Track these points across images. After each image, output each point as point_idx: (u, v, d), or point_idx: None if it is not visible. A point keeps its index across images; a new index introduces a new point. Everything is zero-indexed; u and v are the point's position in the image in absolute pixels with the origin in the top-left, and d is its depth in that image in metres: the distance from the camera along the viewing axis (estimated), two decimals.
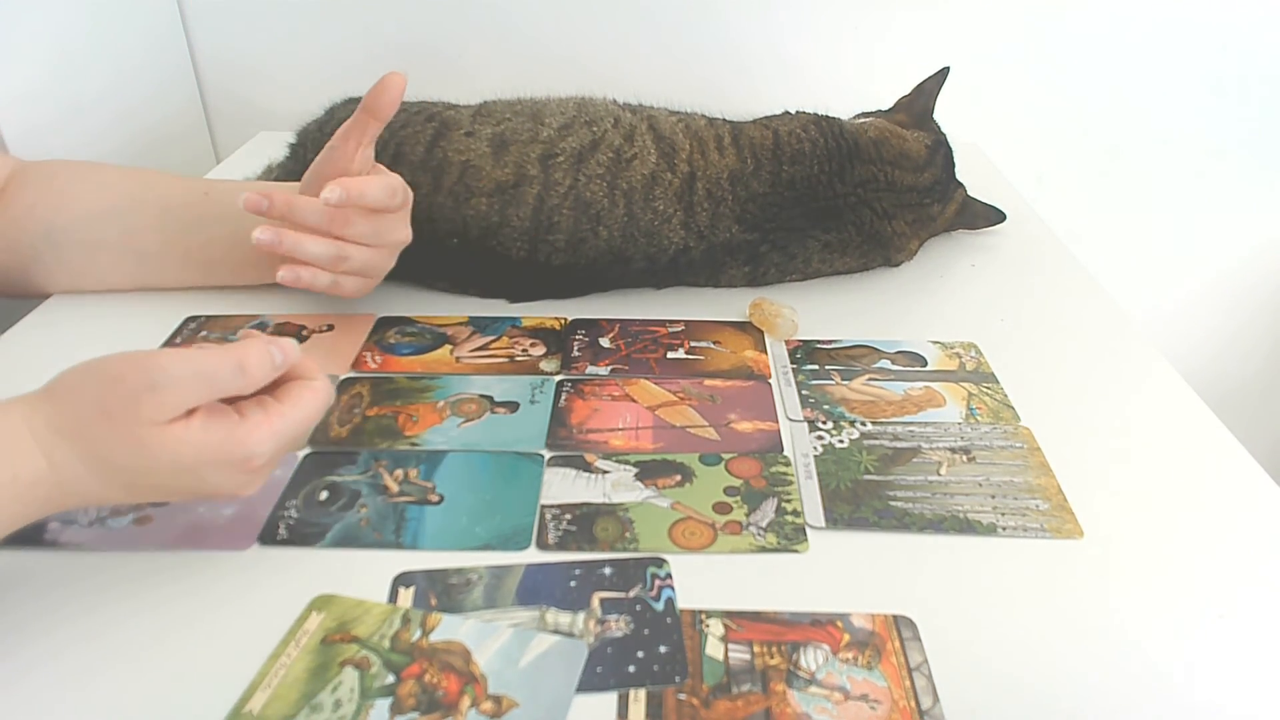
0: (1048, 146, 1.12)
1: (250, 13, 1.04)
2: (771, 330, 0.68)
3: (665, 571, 0.47)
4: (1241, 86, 1.08)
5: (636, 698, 0.40)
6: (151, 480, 0.42)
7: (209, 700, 0.40)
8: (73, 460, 0.40)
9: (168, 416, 0.40)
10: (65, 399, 0.41)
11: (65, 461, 0.40)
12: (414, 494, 0.52)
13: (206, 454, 0.41)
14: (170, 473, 0.41)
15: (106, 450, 0.40)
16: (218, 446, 0.41)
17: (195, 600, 0.45)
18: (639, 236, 0.68)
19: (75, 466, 0.40)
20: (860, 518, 0.51)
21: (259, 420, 0.42)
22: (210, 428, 0.41)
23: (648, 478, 0.53)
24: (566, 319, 0.69)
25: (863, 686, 0.41)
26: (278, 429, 0.42)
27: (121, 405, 0.40)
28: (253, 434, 0.41)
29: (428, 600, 0.45)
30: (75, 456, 0.40)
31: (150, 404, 0.40)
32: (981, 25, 1.04)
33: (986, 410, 0.60)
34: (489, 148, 0.69)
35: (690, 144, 0.71)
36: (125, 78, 0.95)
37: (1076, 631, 0.44)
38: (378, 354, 0.64)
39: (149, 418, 0.40)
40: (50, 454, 0.40)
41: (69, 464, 0.40)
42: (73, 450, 0.40)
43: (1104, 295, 0.75)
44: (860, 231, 0.73)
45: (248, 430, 0.41)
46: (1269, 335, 1.28)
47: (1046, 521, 0.51)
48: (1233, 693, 0.42)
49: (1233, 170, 1.14)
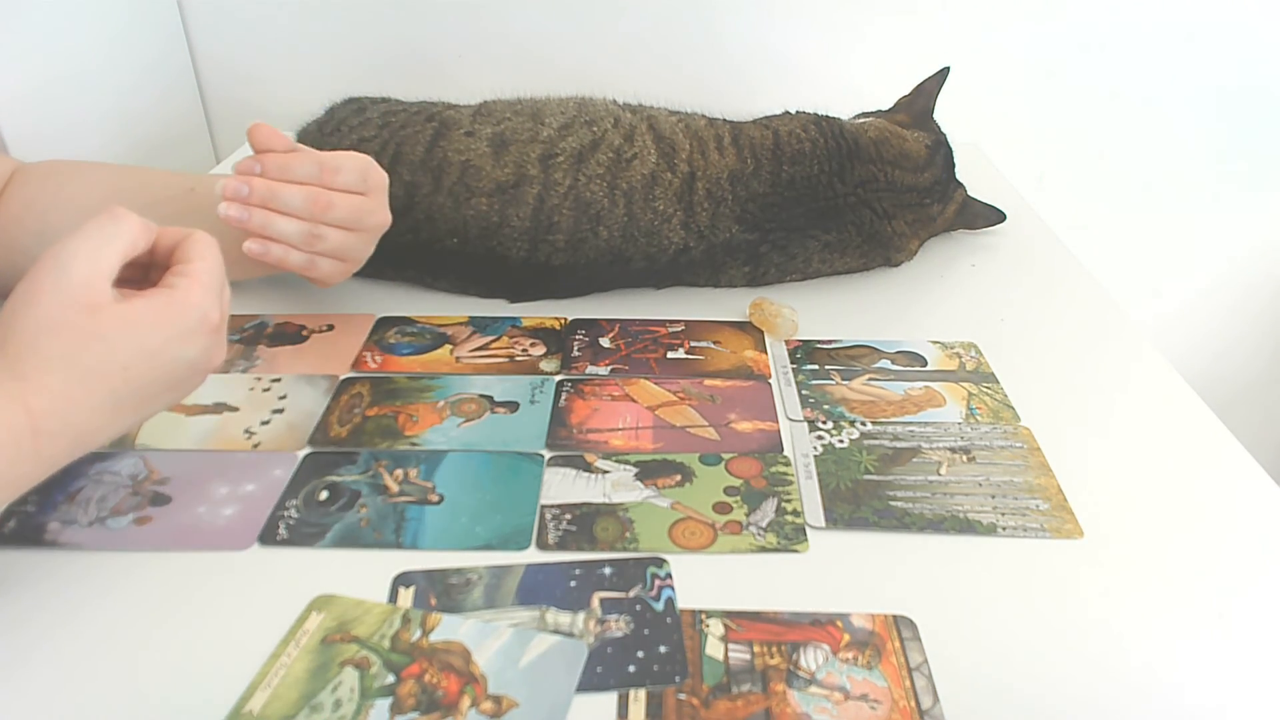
0: (1048, 146, 1.12)
1: (250, 14, 1.04)
2: (771, 330, 0.68)
3: (665, 571, 0.47)
4: (1242, 87, 1.08)
5: (636, 698, 0.40)
6: (131, 380, 0.42)
7: (209, 700, 0.40)
8: (49, 396, 0.40)
9: (100, 293, 0.41)
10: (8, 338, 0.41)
11: (36, 400, 0.40)
12: (414, 494, 0.52)
13: (163, 326, 0.43)
14: (143, 361, 0.42)
15: (74, 361, 0.40)
16: (168, 315, 0.43)
17: (195, 600, 0.45)
18: (639, 236, 0.68)
19: (54, 402, 0.40)
20: (860, 518, 0.51)
21: (186, 283, 0.44)
22: (151, 301, 0.43)
23: (648, 478, 0.53)
24: (566, 319, 0.69)
25: (863, 686, 0.41)
26: (205, 281, 0.45)
27: (56, 306, 0.40)
28: (190, 293, 0.44)
29: (428, 600, 0.45)
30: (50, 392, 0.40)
31: (75, 285, 0.41)
32: (981, 25, 1.04)
33: (986, 410, 0.60)
34: (489, 147, 0.69)
35: (690, 144, 0.71)
36: (126, 79, 0.95)
37: (1076, 631, 0.44)
38: (378, 354, 0.64)
39: (84, 301, 0.41)
40: (13, 394, 0.39)
41: (46, 403, 0.40)
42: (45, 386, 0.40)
43: (1104, 295, 0.75)
44: (860, 231, 0.73)
45: (183, 292, 0.44)
46: (1270, 336, 1.28)
47: (1046, 521, 0.51)
48: (1232, 693, 0.42)
49: (1234, 171, 1.14)
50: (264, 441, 0.55)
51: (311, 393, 0.60)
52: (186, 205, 0.66)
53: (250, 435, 0.56)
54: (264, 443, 0.55)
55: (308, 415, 0.58)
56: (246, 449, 0.55)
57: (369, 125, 0.73)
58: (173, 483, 0.52)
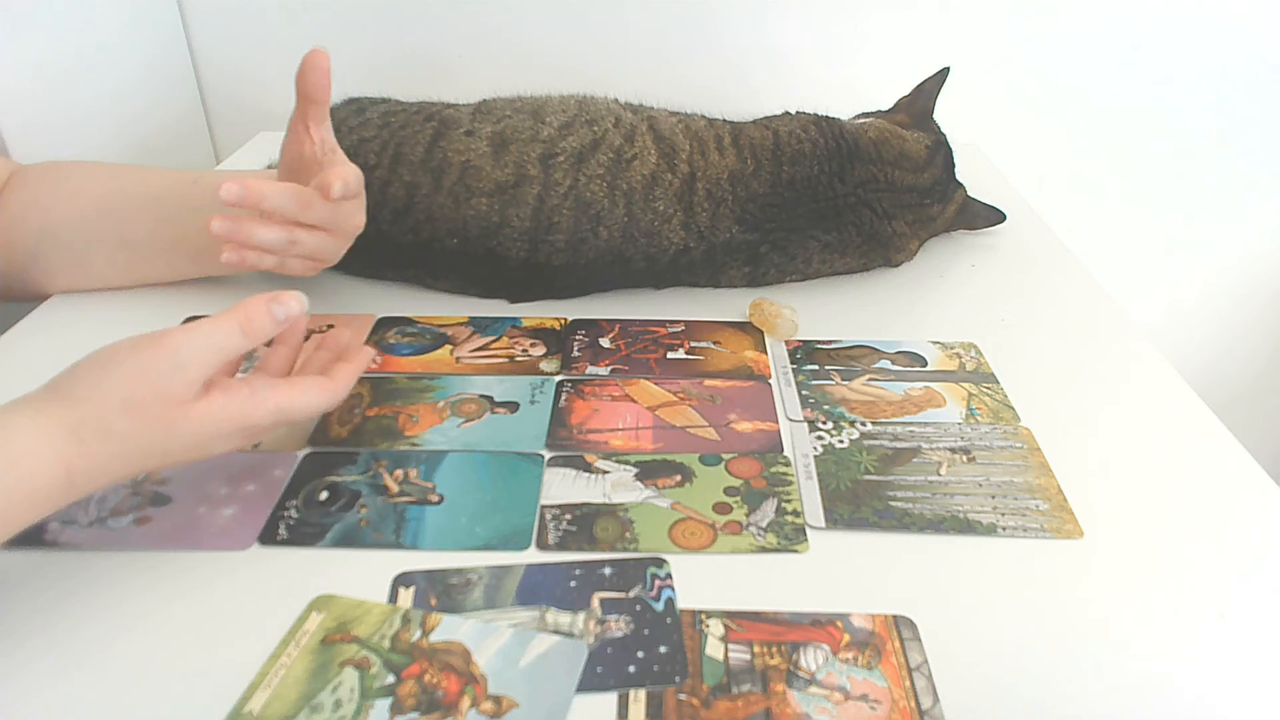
0: (1048, 146, 1.12)
1: (250, 14, 1.04)
2: (771, 330, 0.68)
3: (665, 571, 0.47)
4: (1243, 86, 1.08)
5: (636, 698, 0.40)
6: (163, 458, 0.43)
7: (209, 700, 0.40)
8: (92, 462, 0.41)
9: (192, 394, 0.42)
10: (82, 399, 0.41)
11: (82, 462, 0.41)
12: (414, 494, 0.52)
13: (221, 428, 0.44)
14: (185, 448, 0.43)
15: (134, 442, 0.41)
16: (230, 419, 0.44)
17: (195, 600, 0.45)
18: (639, 237, 0.68)
19: (93, 470, 0.41)
20: (860, 518, 0.51)
21: (265, 395, 0.45)
22: (228, 404, 0.44)
23: (648, 478, 0.53)
24: (566, 319, 0.69)
25: (863, 686, 0.41)
26: (281, 406, 0.46)
27: (150, 393, 0.41)
28: (259, 408, 0.45)
29: (428, 600, 0.45)
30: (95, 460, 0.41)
31: (178, 384, 0.42)
32: (981, 25, 1.04)
33: (986, 410, 0.60)
34: (489, 147, 0.69)
35: (690, 144, 0.71)
36: (126, 79, 0.95)
37: (1076, 631, 0.44)
38: (378, 354, 0.64)
39: (177, 398, 0.42)
40: (63, 455, 0.40)
41: (87, 466, 0.41)
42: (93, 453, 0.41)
43: (1104, 295, 0.75)
44: (860, 232, 0.73)
45: (256, 404, 0.45)
46: (1270, 336, 1.28)
47: (1046, 521, 0.51)
48: (1232, 693, 0.42)
49: (1234, 171, 1.14)
50: (264, 441, 0.55)
51: None
52: (191, 197, 0.66)
53: None
54: (264, 443, 0.55)
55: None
56: (246, 449, 0.55)
57: (369, 125, 0.73)
58: (173, 483, 0.52)
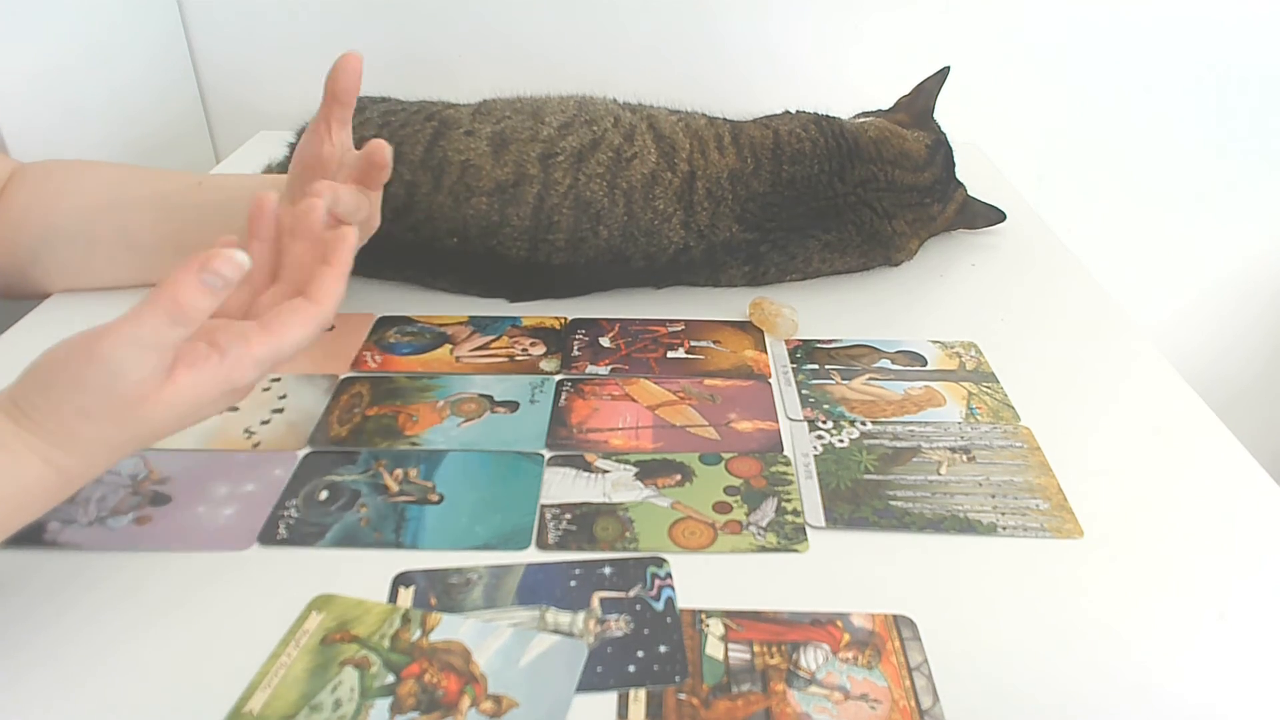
0: (1048, 146, 1.12)
1: (250, 14, 1.04)
2: (771, 330, 0.68)
3: (665, 571, 0.47)
4: (1244, 87, 1.08)
5: (636, 698, 0.40)
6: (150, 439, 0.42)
7: (209, 700, 0.40)
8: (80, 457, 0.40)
9: (152, 386, 0.40)
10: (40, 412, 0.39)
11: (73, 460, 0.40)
12: (414, 494, 0.52)
13: (199, 399, 0.41)
14: (169, 424, 0.42)
15: (104, 439, 0.40)
16: (207, 389, 0.41)
17: (195, 599, 0.45)
18: (639, 236, 0.68)
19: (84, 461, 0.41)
20: (860, 517, 0.51)
21: (239, 355, 0.42)
22: (198, 379, 0.41)
23: (648, 477, 0.53)
24: (566, 318, 0.69)
25: (863, 686, 0.41)
26: (261, 358, 0.42)
27: (101, 402, 0.39)
28: (235, 369, 0.42)
29: (428, 600, 0.45)
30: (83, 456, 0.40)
31: (126, 388, 0.39)
32: (981, 25, 1.04)
33: (986, 410, 0.60)
34: (489, 146, 0.69)
35: (690, 143, 0.71)
36: (126, 79, 0.95)
37: (1076, 631, 0.44)
38: (378, 353, 0.64)
39: (134, 397, 0.39)
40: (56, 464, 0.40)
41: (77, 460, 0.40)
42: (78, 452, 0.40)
43: (1104, 295, 0.75)
44: (860, 231, 0.73)
45: (230, 367, 0.41)
46: (1270, 336, 1.28)
47: (1046, 521, 0.51)
48: (1232, 693, 0.42)
49: (1235, 171, 1.14)
50: (264, 441, 0.55)
51: (311, 392, 0.60)
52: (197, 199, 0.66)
53: (250, 435, 0.56)
54: (264, 442, 0.55)
55: (308, 415, 0.58)
56: (246, 449, 0.55)
57: (369, 125, 0.72)
58: (173, 482, 0.52)
